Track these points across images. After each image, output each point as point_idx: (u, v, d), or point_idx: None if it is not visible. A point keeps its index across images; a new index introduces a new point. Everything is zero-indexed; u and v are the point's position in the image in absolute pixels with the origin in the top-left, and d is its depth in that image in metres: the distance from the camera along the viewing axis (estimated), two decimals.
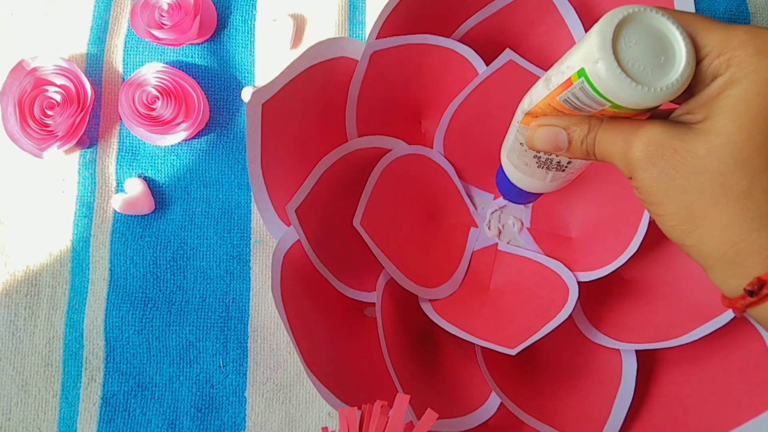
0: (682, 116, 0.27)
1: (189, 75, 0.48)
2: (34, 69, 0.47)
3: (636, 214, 0.40)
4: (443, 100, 0.43)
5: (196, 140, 0.48)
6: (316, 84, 0.40)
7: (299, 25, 0.50)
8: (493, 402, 0.40)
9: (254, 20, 0.50)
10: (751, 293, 0.26)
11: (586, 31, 0.42)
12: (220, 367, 0.45)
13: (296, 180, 0.39)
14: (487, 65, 0.41)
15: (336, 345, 0.39)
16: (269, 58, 0.50)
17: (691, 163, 0.26)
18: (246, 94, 0.49)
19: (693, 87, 0.27)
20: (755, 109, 0.25)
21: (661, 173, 0.27)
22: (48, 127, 0.46)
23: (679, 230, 0.28)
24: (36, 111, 0.47)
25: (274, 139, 0.39)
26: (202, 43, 0.50)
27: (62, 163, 0.48)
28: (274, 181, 0.39)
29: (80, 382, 0.45)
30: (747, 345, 0.40)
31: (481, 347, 0.40)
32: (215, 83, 0.49)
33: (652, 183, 0.27)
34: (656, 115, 0.29)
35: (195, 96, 0.47)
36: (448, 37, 0.41)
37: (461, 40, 0.41)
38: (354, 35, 0.50)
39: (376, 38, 0.40)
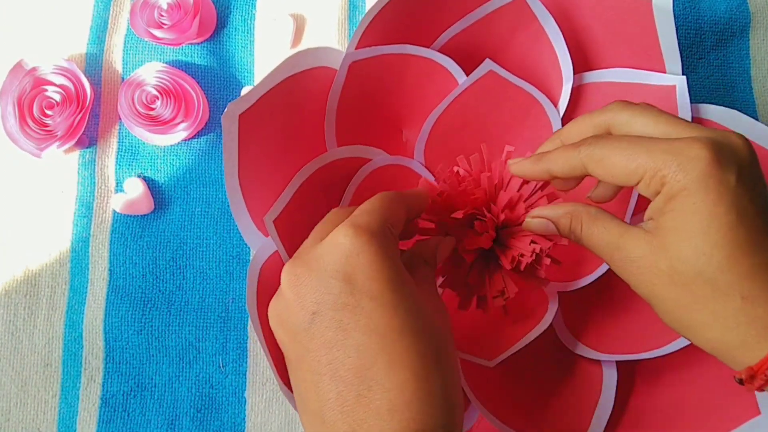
0: (647, 224, 0.31)
1: (188, 75, 0.48)
2: (33, 69, 0.47)
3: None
4: (424, 110, 0.42)
5: (196, 140, 0.48)
6: (295, 94, 0.40)
7: (299, 25, 0.50)
8: (472, 413, 0.40)
9: (254, 20, 0.50)
10: (740, 381, 0.29)
11: (566, 39, 0.42)
12: (219, 367, 0.45)
13: (275, 191, 0.39)
14: (467, 75, 0.41)
15: None
16: (269, 57, 0.50)
17: (665, 278, 0.29)
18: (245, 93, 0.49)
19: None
20: (697, 223, 0.28)
21: (643, 285, 0.30)
22: (47, 126, 0.46)
23: (674, 327, 0.31)
24: (35, 111, 0.47)
25: (252, 150, 0.38)
26: (201, 42, 0.50)
27: (61, 163, 0.48)
28: (252, 193, 0.39)
29: (80, 383, 0.45)
30: None
31: (460, 358, 0.39)
32: (215, 83, 0.49)
33: (638, 290, 0.31)
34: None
35: (194, 96, 0.47)
36: (428, 47, 0.41)
37: (441, 50, 0.41)
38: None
39: (356, 48, 0.39)
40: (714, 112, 0.41)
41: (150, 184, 0.47)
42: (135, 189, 0.47)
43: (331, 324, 0.28)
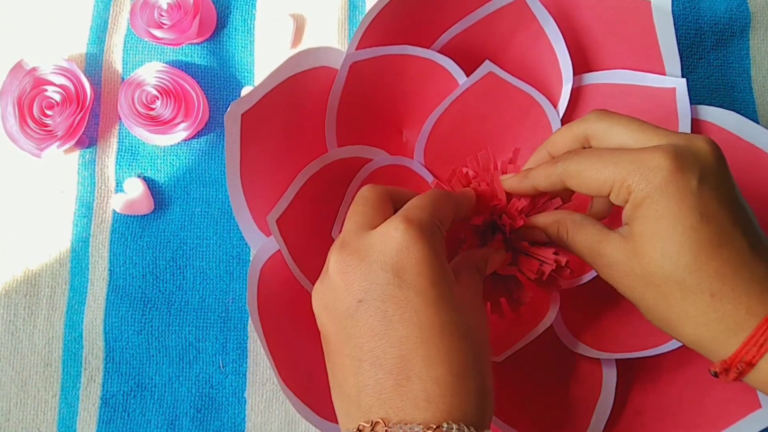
0: (623, 229, 0.32)
1: (188, 74, 0.48)
2: (34, 69, 0.47)
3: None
4: (424, 110, 0.43)
5: (196, 140, 0.48)
6: (296, 93, 0.40)
7: (299, 25, 0.50)
8: None
9: (254, 20, 0.50)
10: (715, 374, 0.30)
11: (566, 40, 0.42)
12: (219, 367, 0.45)
13: (276, 191, 0.39)
14: (467, 76, 0.41)
15: (314, 359, 0.39)
16: (269, 57, 0.50)
17: (641, 281, 0.31)
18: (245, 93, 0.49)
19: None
20: (662, 228, 0.30)
21: (624, 288, 0.32)
22: (47, 126, 0.46)
23: (657, 325, 0.32)
24: (35, 111, 0.47)
25: (254, 150, 0.39)
26: (201, 42, 0.50)
27: (61, 163, 0.48)
28: (253, 193, 0.39)
29: (80, 383, 0.45)
30: None
31: None
32: (215, 83, 0.49)
33: (622, 293, 0.33)
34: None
35: (194, 96, 0.47)
36: (428, 47, 0.41)
37: (441, 51, 0.41)
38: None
39: (356, 49, 0.39)
40: (713, 114, 0.41)
41: (150, 184, 0.47)
42: (135, 189, 0.47)
43: (376, 313, 0.29)
